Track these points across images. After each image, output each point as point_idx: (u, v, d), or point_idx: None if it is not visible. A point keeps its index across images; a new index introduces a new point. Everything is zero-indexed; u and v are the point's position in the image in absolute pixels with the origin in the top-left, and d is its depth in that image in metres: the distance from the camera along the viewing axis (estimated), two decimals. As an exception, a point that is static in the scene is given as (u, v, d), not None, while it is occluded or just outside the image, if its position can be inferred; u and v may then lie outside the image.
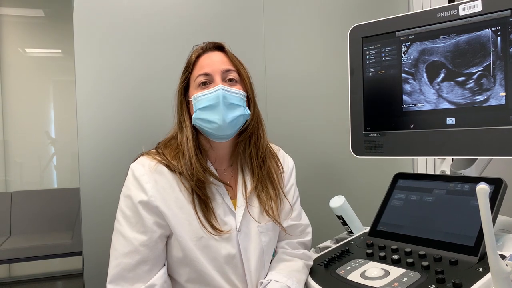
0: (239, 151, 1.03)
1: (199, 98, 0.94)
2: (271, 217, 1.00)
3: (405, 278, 0.85)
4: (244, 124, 0.99)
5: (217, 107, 0.92)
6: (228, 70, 0.97)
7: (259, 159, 1.02)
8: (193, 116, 0.96)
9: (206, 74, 0.96)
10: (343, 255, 1.03)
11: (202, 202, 0.94)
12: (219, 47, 1.01)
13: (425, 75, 1.03)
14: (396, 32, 1.08)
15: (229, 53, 1.00)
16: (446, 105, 0.99)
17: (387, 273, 0.88)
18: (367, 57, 1.12)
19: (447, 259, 0.88)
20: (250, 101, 1.00)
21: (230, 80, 0.97)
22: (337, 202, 1.20)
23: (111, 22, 1.43)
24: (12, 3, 3.72)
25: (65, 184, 3.73)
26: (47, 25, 3.79)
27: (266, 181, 1.02)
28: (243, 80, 0.99)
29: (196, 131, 0.98)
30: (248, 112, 0.98)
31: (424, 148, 1.02)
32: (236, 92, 0.95)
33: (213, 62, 0.97)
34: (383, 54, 1.10)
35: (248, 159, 1.03)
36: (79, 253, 3.02)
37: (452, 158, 1.13)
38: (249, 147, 1.02)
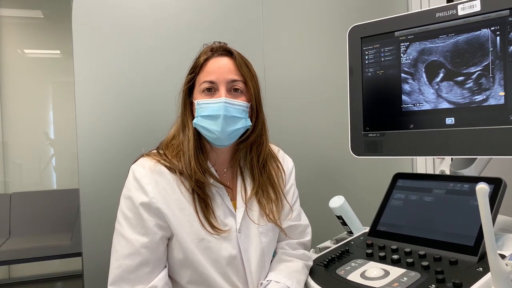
0: (240, 156, 1.03)
1: (202, 105, 0.94)
2: (271, 221, 1.00)
3: (405, 278, 0.85)
4: (245, 133, 0.99)
5: (218, 119, 0.92)
6: (234, 81, 0.95)
7: (260, 164, 1.02)
8: (194, 120, 0.96)
9: (211, 82, 0.94)
10: (343, 255, 1.03)
11: (202, 200, 0.94)
12: (229, 52, 0.98)
13: (424, 75, 1.03)
14: (395, 32, 1.08)
15: (238, 60, 0.97)
16: (445, 105, 1.00)
17: (387, 273, 0.88)
18: (366, 57, 1.12)
19: (447, 259, 0.88)
20: (253, 111, 0.99)
21: (236, 89, 0.96)
22: (337, 202, 1.20)
23: (110, 22, 1.43)
24: (11, 4, 3.71)
25: (65, 185, 3.72)
26: (46, 26, 3.78)
27: (267, 185, 1.02)
28: (249, 90, 0.97)
29: (198, 132, 0.98)
30: (249, 123, 0.97)
31: (423, 148, 1.02)
32: (239, 105, 0.95)
33: (220, 69, 0.95)
34: (382, 54, 1.10)
35: (248, 164, 1.03)
36: (79, 254, 3.03)
37: (452, 158, 1.14)
38: (251, 153, 1.02)
